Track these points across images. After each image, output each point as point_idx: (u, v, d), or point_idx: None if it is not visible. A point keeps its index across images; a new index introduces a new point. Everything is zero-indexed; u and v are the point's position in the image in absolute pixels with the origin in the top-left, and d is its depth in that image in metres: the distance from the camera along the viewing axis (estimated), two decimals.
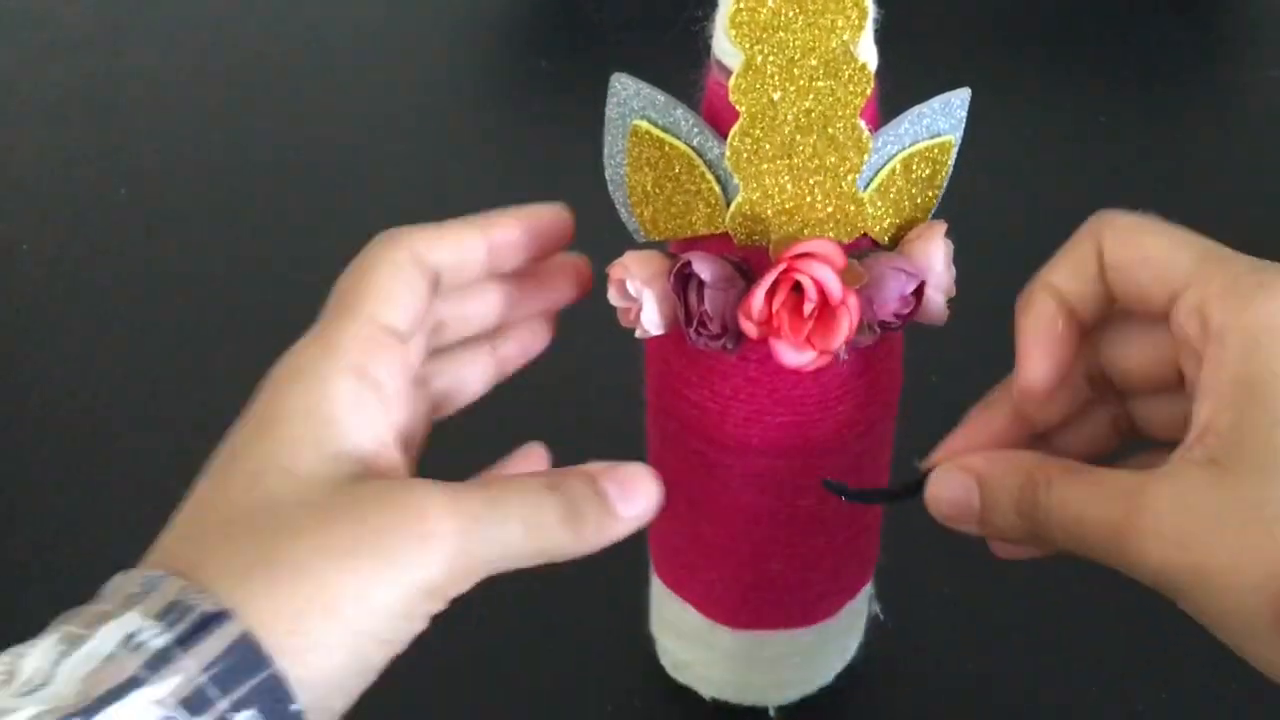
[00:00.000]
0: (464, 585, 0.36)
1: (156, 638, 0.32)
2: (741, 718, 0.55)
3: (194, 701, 0.32)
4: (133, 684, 0.32)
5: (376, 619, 0.35)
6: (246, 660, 0.33)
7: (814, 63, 0.37)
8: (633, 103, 0.39)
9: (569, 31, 0.91)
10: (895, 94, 0.42)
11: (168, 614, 0.33)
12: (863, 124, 0.38)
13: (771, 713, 0.55)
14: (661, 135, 0.39)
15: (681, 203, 0.40)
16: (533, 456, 0.46)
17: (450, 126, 0.84)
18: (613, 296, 0.42)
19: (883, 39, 0.40)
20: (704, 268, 0.39)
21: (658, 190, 0.40)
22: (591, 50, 0.88)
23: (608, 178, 0.41)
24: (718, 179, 0.40)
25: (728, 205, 0.40)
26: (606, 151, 0.40)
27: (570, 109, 0.84)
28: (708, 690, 0.54)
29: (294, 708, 0.33)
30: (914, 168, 0.41)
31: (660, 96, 0.39)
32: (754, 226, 0.40)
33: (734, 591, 0.49)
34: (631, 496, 0.39)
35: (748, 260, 0.40)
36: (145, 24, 0.91)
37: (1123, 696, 0.56)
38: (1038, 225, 0.77)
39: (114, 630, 0.33)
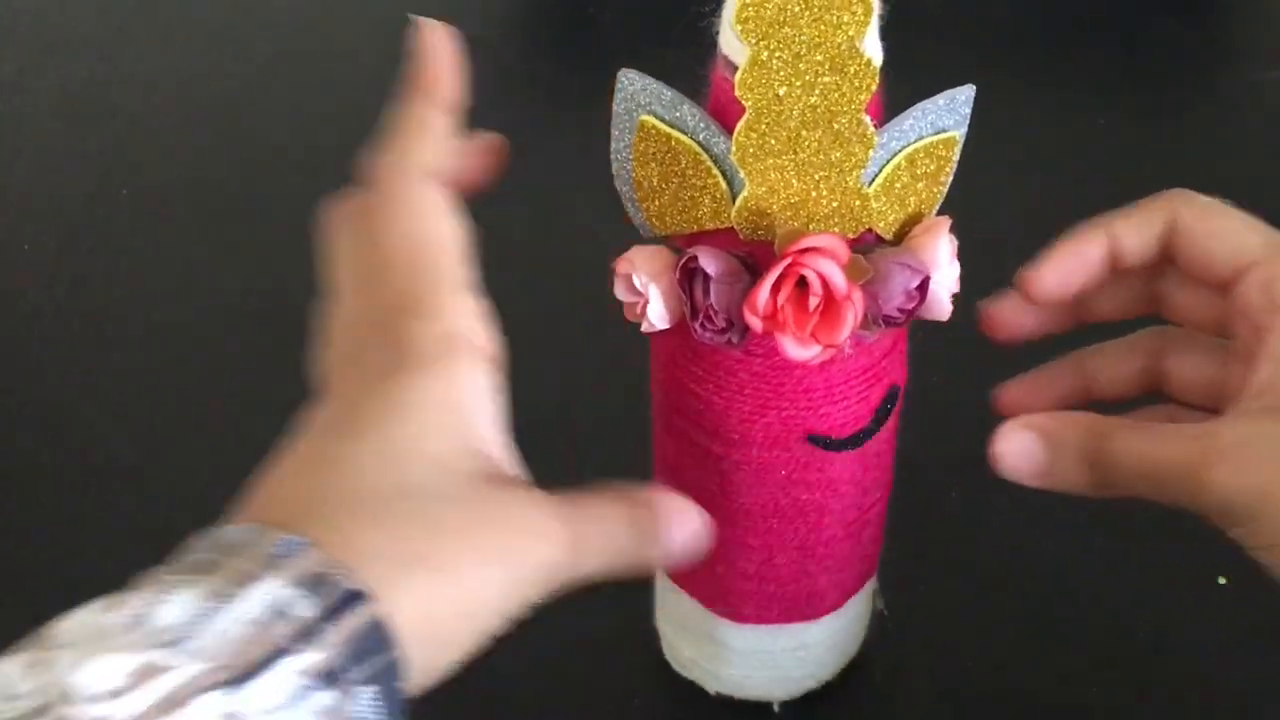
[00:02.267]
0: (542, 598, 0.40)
1: (304, 609, 0.33)
2: (746, 713, 0.55)
3: (328, 674, 0.33)
4: (281, 653, 0.33)
5: (497, 621, 0.38)
6: (376, 640, 0.34)
7: (819, 58, 0.37)
8: (640, 98, 0.39)
9: (569, 32, 0.91)
10: (899, 91, 0.43)
11: (313, 585, 0.34)
12: (868, 119, 0.38)
13: (776, 708, 0.55)
14: (668, 130, 0.39)
15: (688, 198, 0.41)
16: None
17: None
18: (619, 291, 0.42)
19: (886, 35, 0.40)
20: (709, 262, 0.40)
21: (664, 185, 0.41)
22: (592, 51, 0.89)
23: (614, 173, 0.41)
24: (723, 174, 0.40)
25: (733, 200, 0.40)
26: (613, 147, 0.41)
27: (571, 109, 0.84)
28: (713, 685, 0.55)
29: (404, 685, 0.35)
30: (919, 163, 0.41)
31: (667, 92, 0.39)
32: (759, 221, 0.40)
33: (739, 586, 0.49)
34: (681, 542, 0.41)
35: (753, 255, 0.41)
36: (145, 24, 0.91)
37: (1122, 694, 0.56)
38: (1038, 225, 0.77)
39: (262, 595, 0.33)
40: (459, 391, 0.38)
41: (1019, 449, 0.44)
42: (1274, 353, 0.42)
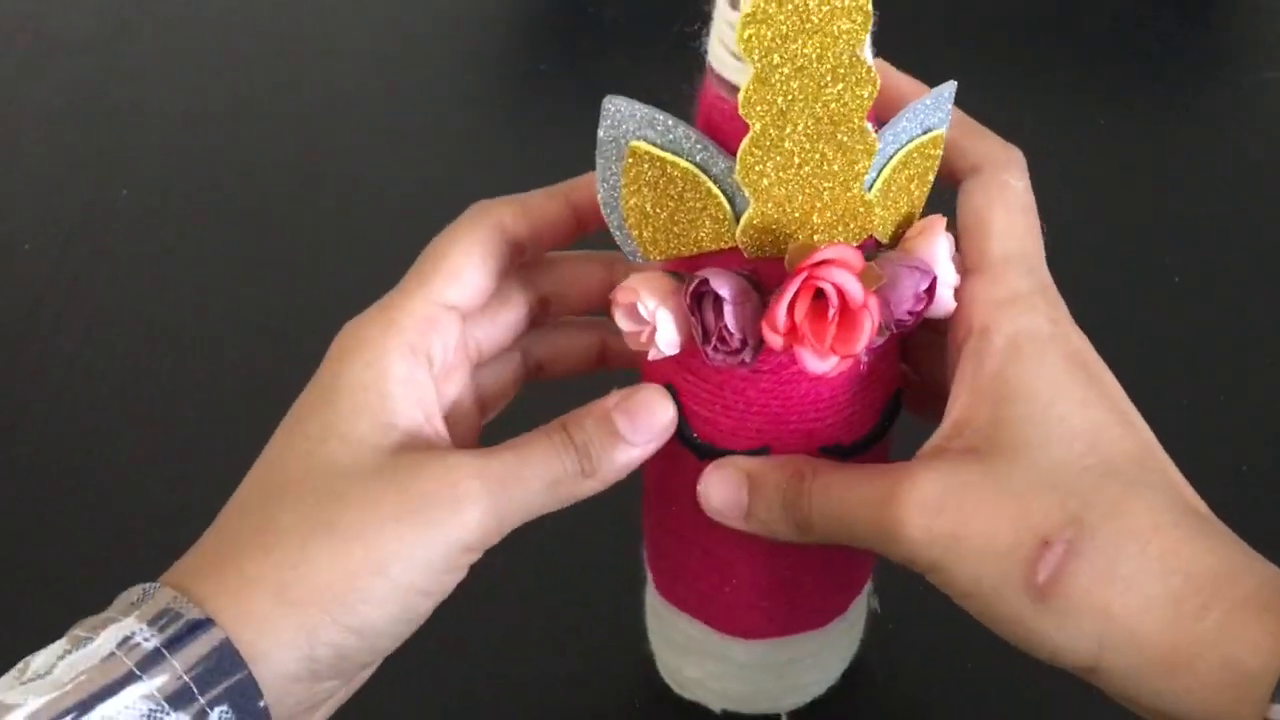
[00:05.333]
0: (495, 538, 0.41)
1: (148, 640, 0.37)
2: None
3: (177, 697, 0.36)
4: (128, 679, 0.36)
5: (419, 574, 0.40)
6: (224, 663, 0.37)
7: (822, 70, 0.36)
8: (627, 124, 0.38)
9: (568, 34, 0.91)
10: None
11: (159, 619, 0.37)
12: (870, 127, 0.38)
13: (783, 718, 0.55)
14: (661, 154, 0.39)
15: (685, 221, 0.40)
16: None
17: (449, 128, 0.84)
18: (621, 321, 0.42)
19: (883, 47, 0.40)
20: (721, 284, 0.39)
21: (657, 210, 0.40)
22: (591, 53, 0.88)
23: (600, 200, 0.40)
24: (724, 194, 0.39)
25: (736, 219, 0.39)
26: (600, 174, 0.40)
27: (569, 111, 0.84)
28: (717, 703, 0.54)
29: (261, 704, 0.38)
30: (910, 164, 0.41)
31: (659, 115, 0.38)
32: (765, 238, 0.39)
33: (746, 602, 0.49)
34: (642, 430, 0.43)
35: (756, 272, 0.40)
36: (145, 25, 0.91)
37: None
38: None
39: (113, 633, 0.37)
40: (384, 379, 0.41)
41: (721, 489, 0.43)
42: (969, 382, 0.41)
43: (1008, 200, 0.43)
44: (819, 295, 0.39)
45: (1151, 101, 0.85)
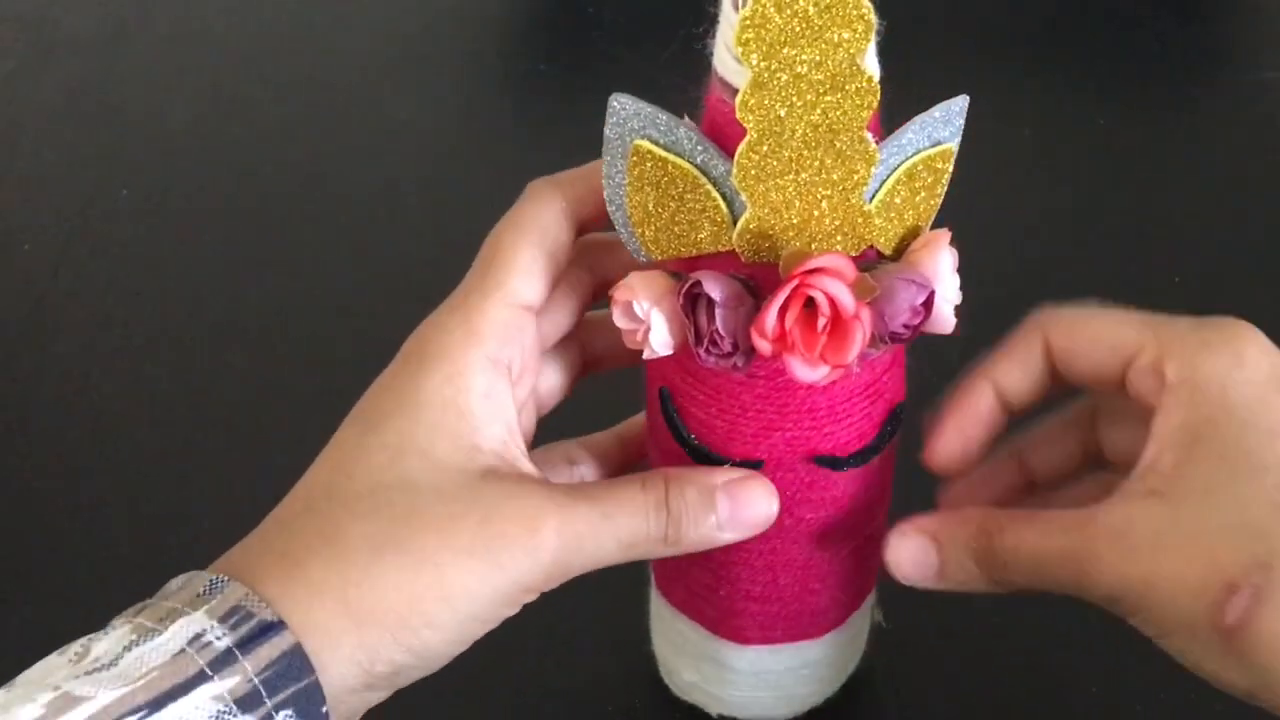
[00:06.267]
0: (557, 584, 0.41)
1: (220, 640, 0.37)
2: None
3: (246, 700, 0.36)
4: (199, 679, 0.36)
5: (481, 607, 0.40)
6: (294, 667, 0.37)
7: (820, 77, 0.36)
8: (632, 122, 0.38)
9: (568, 34, 0.91)
10: (895, 101, 0.42)
11: (230, 618, 0.37)
12: (869, 136, 0.38)
13: None
14: (664, 154, 0.39)
15: (685, 221, 0.40)
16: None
17: (449, 128, 0.84)
18: (618, 319, 0.42)
19: (883, 45, 0.40)
20: (714, 287, 0.39)
21: (660, 210, 0.40)
22: (591, 53, 0.88)
23: (606, 198, 0.40)
24: (723, 196, 0.39)
25: (734, 223, 0.39)
26: (605, 171, 0.40)
27: (570, 112, 0.84)
28: (715, 708, 0.54)
29: (324, 709, 0.38)
30: (916, 177, 0.41)
31: (662, 115, 0.38)
32: (761, 243, 0.39)
33: (743, 608, 0.48)
34: (740, 521, 0.43)
35: (753, 277, 0.40)
36: (145, 25, 0.91)
37: (1125, 701, 0.56)
38: (1038, 227, 0.77)
39: (184, 628, 0.37)
40: (467, 394, 0.40)
41: (910, 555, 0.44)
42: (1159, 432, 0.42)
43: (1081, 318, 0.46)
44: (810, 303, 0.38)
45: (1151, 101, 0.85)
